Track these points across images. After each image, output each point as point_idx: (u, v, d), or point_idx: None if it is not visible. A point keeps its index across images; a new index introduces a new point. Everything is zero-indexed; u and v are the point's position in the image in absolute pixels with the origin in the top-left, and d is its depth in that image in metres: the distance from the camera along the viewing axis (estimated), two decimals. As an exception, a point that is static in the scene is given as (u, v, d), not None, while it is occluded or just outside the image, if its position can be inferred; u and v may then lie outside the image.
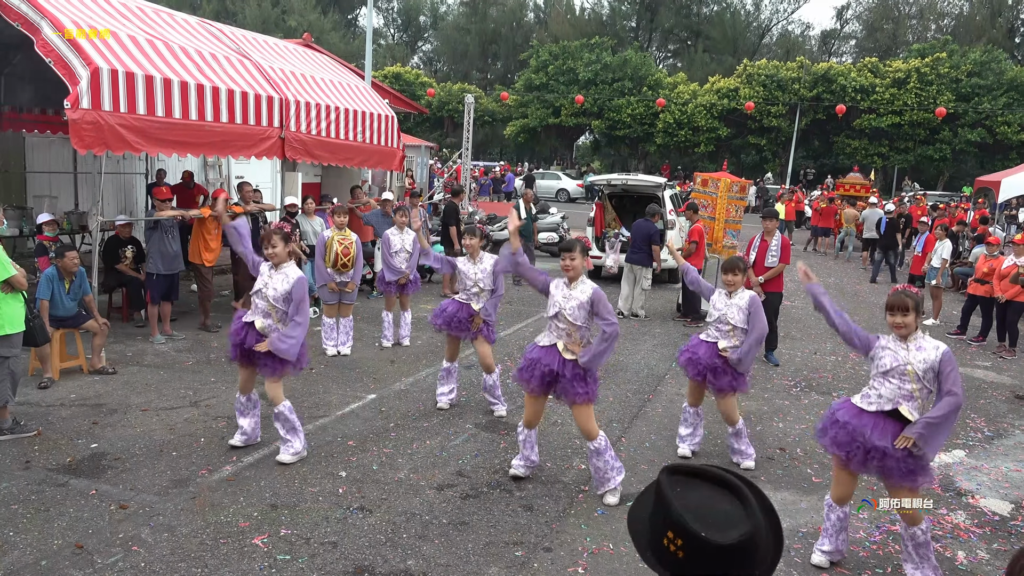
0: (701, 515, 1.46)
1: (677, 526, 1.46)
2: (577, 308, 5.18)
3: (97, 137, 7.50)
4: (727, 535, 1.44)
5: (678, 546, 1.46)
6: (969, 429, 7.45)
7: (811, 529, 5.10)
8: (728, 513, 1.47)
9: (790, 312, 12.29)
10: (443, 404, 7.15)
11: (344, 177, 13.97)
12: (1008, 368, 10.02)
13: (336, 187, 14.02)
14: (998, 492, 5.99)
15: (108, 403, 6.79)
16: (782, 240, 9.32)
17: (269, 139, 9.76)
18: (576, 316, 5.19)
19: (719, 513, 1.47)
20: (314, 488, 5.29)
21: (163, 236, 8.88)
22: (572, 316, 5.19)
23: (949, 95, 38.52)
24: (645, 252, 11.69)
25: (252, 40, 11.06)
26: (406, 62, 59.63)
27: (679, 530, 1.46)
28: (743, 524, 1.45)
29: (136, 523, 4.67)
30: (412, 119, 42.44)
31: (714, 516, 1.46)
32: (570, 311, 5.19)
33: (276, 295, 5.56)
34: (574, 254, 5.22)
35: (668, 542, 1.48)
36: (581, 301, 5.19)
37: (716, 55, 53.73)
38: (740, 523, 1.45)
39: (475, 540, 4.71)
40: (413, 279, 9.23)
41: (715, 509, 1.48)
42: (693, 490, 1.53)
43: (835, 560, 4.69)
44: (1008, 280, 10.14)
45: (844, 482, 4.55)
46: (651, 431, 6.88)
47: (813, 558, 4.68)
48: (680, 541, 1.46)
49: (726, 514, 1.47)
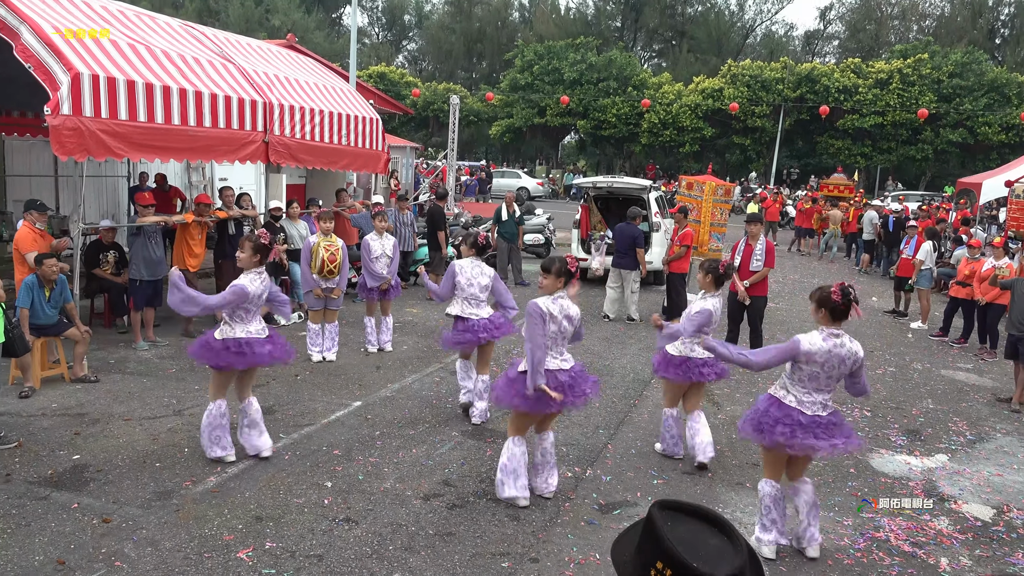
0: (692, 548, 1.47)
1: (667, 556, 1.47)
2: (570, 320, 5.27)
3: (78, 143, 7.42)
4: (718, 569, 1.44)
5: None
6: (951, 433, 7.51)
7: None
8: (718, 548, 1.48)
9: (775, 315, 12.35)
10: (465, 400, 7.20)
11: (329, 180, 13.91)
12: (989, 370, 10.12)
13: (321, 190, 13.96)
14: (980, 497, 6.05)
15: (90, 412, 6.72)
16: (767, 244, 9.37)
17: (253, 143, 9.70)
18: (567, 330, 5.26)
19: (710, 548, 1.48)
20: (299, 499, 5.26)
21: (146, 242, 8.81)
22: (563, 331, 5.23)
23: (931, 96, 38.84)
24: (631, 256, 11.69)
25: (235, 43, 10.99)
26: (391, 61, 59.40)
27: (669, 560, 1.46)
28: (733, 559, 1.45)
29: (119, 537, 4.62)
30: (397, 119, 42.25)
31: (705, 550, 1.47)
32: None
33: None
34: (547, 275, 5.19)
35: (656, 573, 1.48)
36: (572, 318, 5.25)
37: (701, 55, 53.89)
38: (730, 558, 1.46)
39: (461, 551, 4.70)
40: (394, 284, 9.21)
41: (706, 543, 1.49)
42: (682, 524, 1.53)
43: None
44: (987, 283, 10.24)
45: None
46: (637, 437, 6.89)
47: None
48: (669, 572, 1.46)
49: (716, 549, 1.48)
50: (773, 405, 4.79)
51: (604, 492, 5.71)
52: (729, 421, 7.36)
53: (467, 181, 34.41)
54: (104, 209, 13.31)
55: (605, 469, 6.14)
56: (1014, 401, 8.48)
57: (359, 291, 9.37)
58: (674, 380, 6.17)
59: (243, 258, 5.69)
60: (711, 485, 5.95)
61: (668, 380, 6.24)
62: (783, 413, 4.70)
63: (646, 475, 6.06)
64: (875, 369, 9.70)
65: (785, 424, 4.67)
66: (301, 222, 10.83)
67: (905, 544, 5.16)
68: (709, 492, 5.81)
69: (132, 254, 8.88)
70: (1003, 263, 10.57)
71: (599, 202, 15.70)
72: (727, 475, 6.15)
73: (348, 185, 15.03)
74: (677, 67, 52.10)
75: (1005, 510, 5.82)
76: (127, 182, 13.29)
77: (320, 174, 13.54)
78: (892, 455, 6.81)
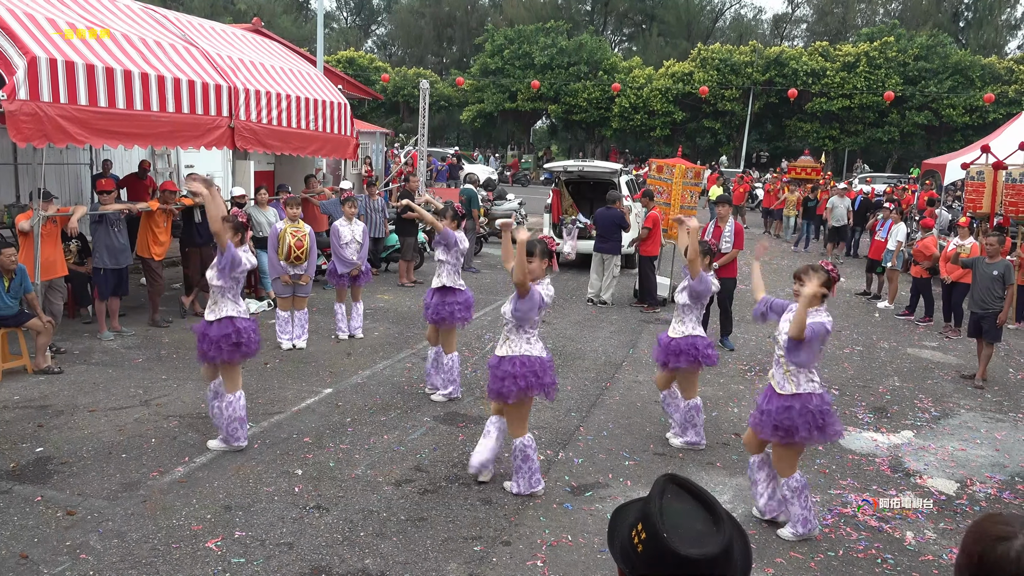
0: (675, 523, 1.46)
1: (647, 520, 1.47)
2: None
3: (37, 129, 7.24)
4: (687, 548, 1.43)
5: (641, 539, 1.47)
6: (917, 410, 7.64)
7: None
8: (700, 533, 1.47)
9: (745, 296, 12.45)
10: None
11: (298, 166, 13.74)
12: (954, 348, 10.29)
13: (290, 176, 13.78)
14: (944, 472, 6.16)
15: (54, 404, 6.59)
16: (735, 226, 9.41)
17: (218, 128, 9.54)
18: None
19: (693, 530, 1.47)
20: (269, 488, 5.21)
21: (109, 229, 8.62)
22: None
23: (897, 79, 39.26)
24: (615, 240, 11.69)
25: (198, 27, 10.77)
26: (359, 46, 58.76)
27: (648, 524, 1.47)
28: (705, 547, 1.44)
29: (84, 530, 4.54)
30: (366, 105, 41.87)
31: (687, 530, 1.46)
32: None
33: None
34: (532, 258, 4.98)
35: (635, 534, 1.49)
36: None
37: (670, 39, 53.94)
38: (705, 546, 1.44)
39: (433, 536, 4.69)
40: (365, 271, 9.13)
41: (692, 526, 1.48)
42: (681, 501, 1.53)
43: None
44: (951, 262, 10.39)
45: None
46: (609, 419, 6.91)
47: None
48: (644, 535, 1.47)
49: (698, 533, 1.47)
50: (815, 398, 4.68)
51: (576, 474, 5.72)
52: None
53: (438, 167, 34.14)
54: (67, 198, 13.02)
55: (577, 452, 6.15)
56: (977, 377, 8.64)
57: (329, 277, 9.28)
58: (688, 367, 6.09)
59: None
60: (682, 466, 5.99)
61: (682, 369, 6.14)
62: (825, 402, 4.72)
63: (618, 457, 6.08)
64: (842, 348, 9.82)
65: (830, 415, 4.70)
66: (270, 209, 10.68)
67: (872, 519, 5.24)
68: (680, 472, 5.84)
69: (95, 242, 8.70)
70: (968, 243, 10.72)
71: (570, 186, 15.69)
72: (698, 455, 6.20)
73: (317, 171, 14.87)
74: (647, 51, 52.12)
75: (968, 484, 5.93)
76: (90, 170, 13.01)
77: (288, 160, 13.35)
78: (859, 432, 6.90)
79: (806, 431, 4.64)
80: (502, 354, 5.06)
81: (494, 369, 5.06)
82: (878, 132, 40.90)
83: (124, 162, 13.16)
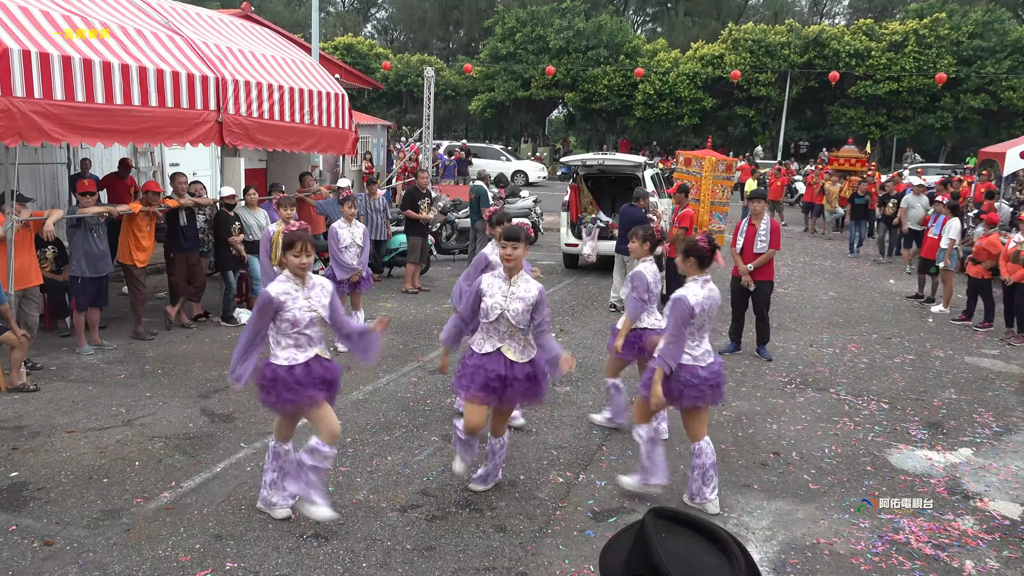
0: (683, 565, 1.45)
1: (654, 571, 1.45)
2: (522, 311, 5.16)
3: (9, 126, 7.32)
4: None
5: None
6: (976, 425, 7.57)
7: (810, 542, 5.15)
8: (712, 568, 1.46)
9: (783, 300, 12.41)
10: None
11: (292, 163, 13.83)
12: (1017, 356, 10.20)
13: (283, 174, 13.88)
14: (1008, 494, 6.10)
15: (30, 425, 6.66)
16: (772, 223, 9.38)
17: (205, 123, 9.62)
18: (520, 319, 5.17)
19: (704, 566, 1.46)
20: (263, 515, 5.24)
21: (87, 234, 8.70)
22: (516, 319, 5.16)
23: (949, 59, 39.04)
24: None
25: (183, 13, 10.88)
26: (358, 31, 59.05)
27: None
28: None
29: (63, 561, 4.58)
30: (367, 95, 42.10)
31: (698, 568, 1.45)
32: (513, 314, 5.15)
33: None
34: (518, 243, 5.15)
35: None
36: (527, 302, 5.17)
37: (698, 19, 53.92)
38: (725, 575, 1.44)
39: (442, 567, 4.69)
40: (365, 276, 9.17)
41: (700, 560, 1.47)
42: (677, 537, 1.51)
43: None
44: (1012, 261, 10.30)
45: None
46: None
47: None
48: None
49: (710, 568, 1.45)
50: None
51: (599, 499, 5.72)
52: (734, 418, 7.38)
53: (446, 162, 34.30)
54: (42, 201, 13.16)
55: (599, 473, 6.15)
56: (1043, 389, 8.56)
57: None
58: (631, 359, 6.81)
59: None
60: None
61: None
62: (690, 374, 5.34)
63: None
64: (893, 358, 9.76)
65: (692, 385, 5.33)
66: (261, 210, 10.75)
67: (927, 547, 5.19)
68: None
69: (73, 249, 8.78)
70: (1029, 239, 10.63)
71: (589, 182, 15.68)
72: (733, 476, 6.17)
73: (313, 168, 14.96)
74: (673, 32, 52.10)
75: (1034, 507, 5.87)
76: (67, 169, 13.15)
77: (282, 157, 13.45)
78: (912, 450, 6.85)
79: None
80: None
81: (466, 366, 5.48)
82: (929, 118, 40.64)
83: (104, 161, 13.27)
